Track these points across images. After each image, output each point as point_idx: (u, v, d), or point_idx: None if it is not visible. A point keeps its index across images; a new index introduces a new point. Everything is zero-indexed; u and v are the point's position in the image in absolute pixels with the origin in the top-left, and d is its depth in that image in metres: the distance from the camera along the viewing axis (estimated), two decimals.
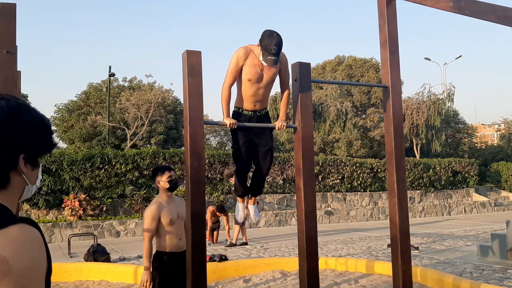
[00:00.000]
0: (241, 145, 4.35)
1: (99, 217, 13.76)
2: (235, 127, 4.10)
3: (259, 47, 3.97)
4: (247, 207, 5.38)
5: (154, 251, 4.08)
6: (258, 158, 4.53)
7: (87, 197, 14.06)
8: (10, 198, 1.09)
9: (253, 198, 5.08)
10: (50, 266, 1.05)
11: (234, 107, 4.36)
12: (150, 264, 3.92)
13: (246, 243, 10.72)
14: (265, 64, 4.02)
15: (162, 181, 4.06)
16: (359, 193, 19.34)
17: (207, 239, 10.48)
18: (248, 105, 4.26)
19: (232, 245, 10.49)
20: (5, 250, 0.93)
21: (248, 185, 4.88)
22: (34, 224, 1.03)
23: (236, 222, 10.44)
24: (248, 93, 4.20)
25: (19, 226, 0.99)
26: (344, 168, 19.31)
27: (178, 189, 12.80)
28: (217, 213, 11.29)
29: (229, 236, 11.16)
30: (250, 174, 4.92)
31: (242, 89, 4.22)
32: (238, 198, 5.03)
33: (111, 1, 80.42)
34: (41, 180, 1.23)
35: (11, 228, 0.97)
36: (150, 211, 3.97)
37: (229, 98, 4.16)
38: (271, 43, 3.86)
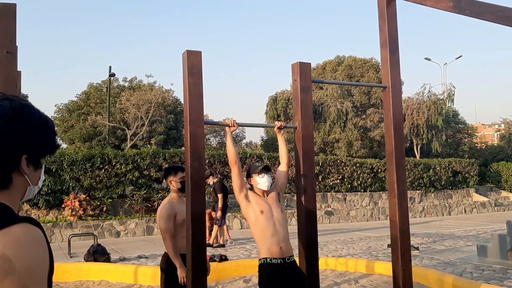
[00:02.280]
0: None
1: (99, 217, 13.76)
2: (236, 127, 4.08)
3: (252, 179, 3.92)
4: None
5: (163, 252, 4.07)
6: None
7: (87, 197, 14.06)
8: (12, 198, 1.09)
9: None
10: (52, 266, 1.05)
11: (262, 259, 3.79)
12: (180, 259, 3.88)
13: (223, 245, 10.38)
14: (260, 187, 3.84)
15: (175, 181, 4.04)
16: (359, 193, 19.34)
17: (207, 239, 10.48)
18: (274, 251, 3.73)
19: (208, 245, 10.30)
20: (8, 249, 0.93)
21: None
22: (37, 224, 1.03)
23: (215, 223, 10.41)
24: (268, 234, 3.76)
25: (22, 225, 0.99)
26: (344, 168, 19.31)
27: None
28: (213, 214, 11.30)
29: (229, 236, 11.16)
30: None
31: (259, 231, 3.79)
32: None
33: (111, 1, 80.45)
34: (43, 181, 1.23)
35: (14, 227, 0.97)
36: (165, 210, 3.94)
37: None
38: (253, 164, 4.11)
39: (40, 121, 1.12)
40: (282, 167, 4.16)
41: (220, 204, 10.35)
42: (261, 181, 3.86)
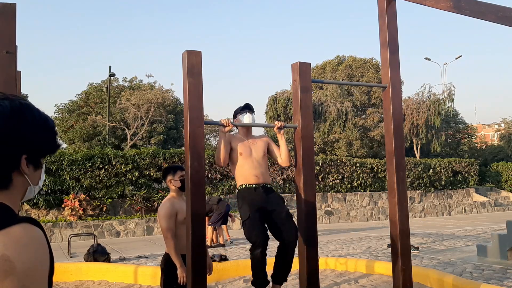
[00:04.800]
0: (252, 213, 4.01)
1: (99, 217, 13.76)
2: (231, 126, 4.12)
3: (236, 120, 4.41)
4: None
5: (163, 252, 4.06)
6: (277, 226, 4.09)
7: (87, 197, 14.06)
8: (13, 198, 1.08)
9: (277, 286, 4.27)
10: (53, 266, 1.05)
11: (238, 186, 4.28)
12: (181, 259, 3.88)
13: (223, 245, 10.36)
14: (244, 121, 4.32)
15: (174, 180, 4.04)
16: (359, 193, 19.34)
17: (207, 239, 10.47)
18: (250, 179, 4.23)
19: (208, 246, 10.28)
20: (8, 250, 0.93)
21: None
22: (37, 224, 1.03)
23: (211, 224, 10.43)
24: (245, 168, 4.25)
25: (22, 225, 0.98)
26: (344, 168, 19.31)
27: None
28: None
29: (229, 236, 11.16)
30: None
31: (238, 167, 4.28)
32: None
33: (111, 1, 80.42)
34: (43, 181, 1.23)
35: (14, 227, 0.97)
36: (166, 209, 3.94)
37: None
38: (239, 107, 4.48)
39: (40, 121, 1.11)
40: (281, 161, 4.45)
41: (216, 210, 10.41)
42: (243, 118, 4.36)
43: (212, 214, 10.60)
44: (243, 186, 4.21)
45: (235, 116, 4.47)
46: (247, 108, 4.43)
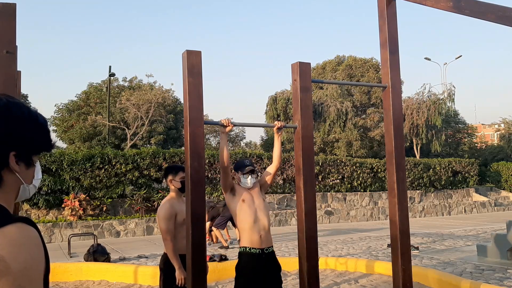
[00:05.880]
0: None
1: (99, 217, 13.76)
2: (231, 126, 4.10)
3: (237, 175, 4.24)
4: None
5: (163, 252, 4.06)
6: None
7: (87, 197, 14.06)
8: (6, 197, 1.07)
9: None
10: (48, 265, 1.04)
11: (241, 247, 4.13)
12: (179, 261, 3.89)
13: (227, 247, 10.26)
14: (245, 187, 4.16)
15: (175, 180, 4.04)
16: (359, 193, 19.34)
17: (207, 239, 10.48)
18: (255, 240, 4.06)
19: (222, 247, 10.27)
20: (2, 250, 0.92)
21: None
22: (32, 223, 1.02)
23: (215, 226, 10.47)
24: (249, 221, 4.06)
25: (17, 225, 0.98)
26: (344, 168, 19.31)
27: None
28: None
29: (229, 236, 11.16)
30: None
31: (242, 219, 4.10)
32: None
33: (111, 1, 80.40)
34: (40, 180, 1.22)
35: (8, 227, 0.96)
36: (165, 210, 3.93)
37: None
38: (243, 162, 4.31)
39: (30, 117, 1.10)
40: (271, 168, 4.34)
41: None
42: (244, 181, 4.18)
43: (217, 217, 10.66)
44: (247, 249, 4.05)
45: (236, 170, 4.28)
46: (252, 172, 4.21)
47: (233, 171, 4.35)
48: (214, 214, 10.70)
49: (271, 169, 4.34)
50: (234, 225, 10.59)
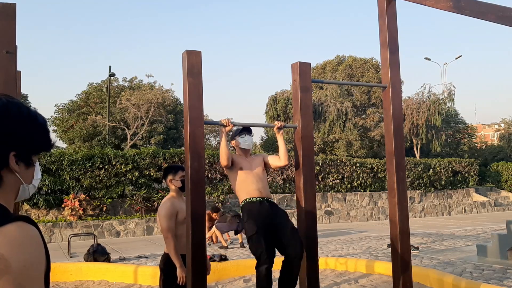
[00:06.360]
0: (259, 228, 3.98)
1: (99, 217, 13.76)
2: (231, 126, 4.11)
3: (235, 141, 4.41)
4: None
5: (163, 252, 4.06)
6: (282, 241, 4.02)
7: (87, 197, 14.06)
8: (6, 197, 1.07)
9: None
10: (49, 264, 1.04)
11: (242, 200, 4.26)
12: (181, 259, 3.88)
13: (226, 247, 10.22)
14: (243, 146, 4.34)
15: (175, 180, 4.04)
16: (359, 193, 19.34)
17: (207, 239, 10.47)
18: (253, 193, 4.21)
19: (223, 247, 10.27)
20: (3, 248, 0.92)
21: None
22: (32, 222, 1.02)
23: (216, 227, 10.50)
24: (247, 182, 4.24)
25: (17, 224, 0.98)
26: (344, 168, 19.32)
27: None
28: (213, 215, 11.30)
29: (229, 236, 11.16)
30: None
31: (240, 182, 4.28)
32: None
33: (111, 1, 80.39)
34: (40, 180, 1.22)
35: (9, 226, 0.96)
36: (166, 208, 3.93)
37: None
38: (238, 129, 4.45)
39: (29, 117, 1.10)
40: (277, 161, 4.42)
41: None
42: (242, 140, 4.34)
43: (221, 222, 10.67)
44: (247, 200, 4.17)
45: (233, 138, 4.43)
46: (246, 130, 4.40)
47: (231, 141, 4.49)
48: (221, 220, 10.76)
49: (277, 161, 4.43)
50: (235, 232, 10.61)
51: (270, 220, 4.07)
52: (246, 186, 4.20)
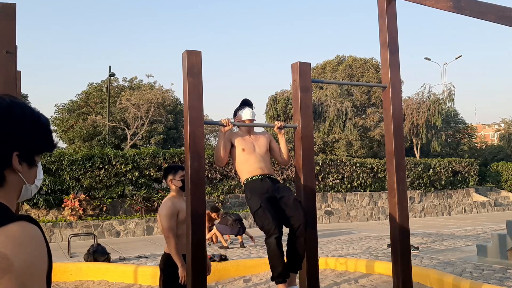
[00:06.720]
0: (263, 202, 3.99)
1: (99, 217, 13.76)
2: (231, 126, 4.12)
3: (237, 117, 4.43)
4: None
5: (163, 252, 4.06)
6: (286, 213, 4.01)
7: (87, 197, 14.06)
8: (8, 197, 1.08)
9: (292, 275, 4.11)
10: (51, 264, 1.05)
11: (244, 180, 4.29)
12: (182, 259, 3.87)
13: (226, 247, 10.20)
14: (244, 116, 4.35)
15: (175, 179, 4.04)
16: (359, 193, 19.34)
17: (207, 239, 10.47)
18: (255, 172, 4.24)
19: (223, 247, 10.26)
20: (5, 248, 0.92)
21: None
22: (34, 222, 1.03)
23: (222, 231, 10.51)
24: (250, 163, 4.27)
25: (19, 223, 0.98)
26: (344, 168, 19.31)
27: None
28: (212, 215, 11.29)
29: (229, 236, 11.15)
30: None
31: (242, 163, 4.30)
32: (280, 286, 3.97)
33: (111, 1, 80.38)
34: (42, 180, 1.22)
35: (11, 226, 0.97)
36: (167, 208, 3.92)
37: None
38: (240, 105, 4.49)
39: (32, 118, 1.10)
40: (279, 157, 4.47)
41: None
42: (243, 113, 4.36)
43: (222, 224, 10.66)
44: (249, 178, 4.21)
45: (235, 114, 4.47)
46: (246, 104, 4.46)
47: (235, 119, 4.47)
48: (222, 222, 10.77)
49: (278, 157, 4.47)
50: (236, 234, 10.61)
51: (273, 193, 4.12)
52: (248, 166, 4.23)
